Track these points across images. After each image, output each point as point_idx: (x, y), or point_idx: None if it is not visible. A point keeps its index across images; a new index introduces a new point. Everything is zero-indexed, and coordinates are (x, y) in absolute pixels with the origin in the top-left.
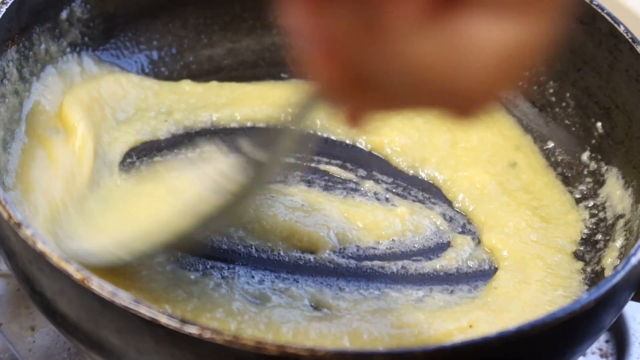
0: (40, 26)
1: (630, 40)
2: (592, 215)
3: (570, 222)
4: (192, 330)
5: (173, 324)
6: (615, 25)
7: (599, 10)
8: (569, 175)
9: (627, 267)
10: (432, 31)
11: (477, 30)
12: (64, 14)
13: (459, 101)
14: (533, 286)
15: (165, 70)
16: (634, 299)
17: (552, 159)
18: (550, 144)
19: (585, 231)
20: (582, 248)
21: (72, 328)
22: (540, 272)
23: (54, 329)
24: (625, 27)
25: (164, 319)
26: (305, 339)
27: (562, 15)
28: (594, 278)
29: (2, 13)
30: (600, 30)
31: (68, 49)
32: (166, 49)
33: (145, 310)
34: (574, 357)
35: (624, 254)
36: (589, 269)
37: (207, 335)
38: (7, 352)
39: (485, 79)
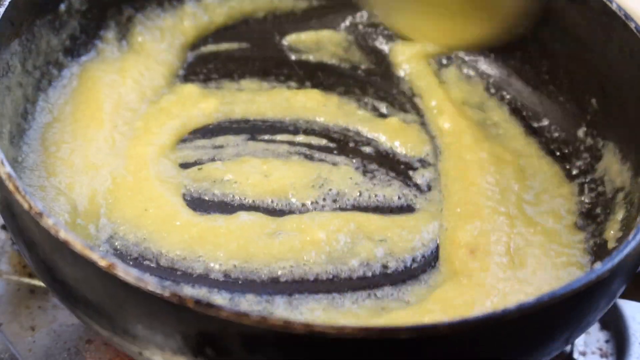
0: (41, 19)
1: (623, 17)
2: (590, 190)
3: (565, 195)
4: (219, 313)
5: (200, 308)
6: (608, 2)
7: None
8: (566, 151)
9: (638, 237)
10: None
11: None
12: (62, 6)
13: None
14: (537, 250)
15: None
16: (633, 299)
17: (548, 136)
18: (545, 122)
19: (586, 205)
20: (582, 221)
21: (95, 314)
22: (541, 237)
23: (54, 328)
24: (618, 5)
25: (191, 303)
26: None
27: None
28: (597, 250)
29: (5, 7)
30: (593, 8)
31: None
32: None
33: (172, 294)
34: (588, 325)
35: (626, 226)
36: (591, 241)
37: (235, 317)
38: (7, 352)
39: None
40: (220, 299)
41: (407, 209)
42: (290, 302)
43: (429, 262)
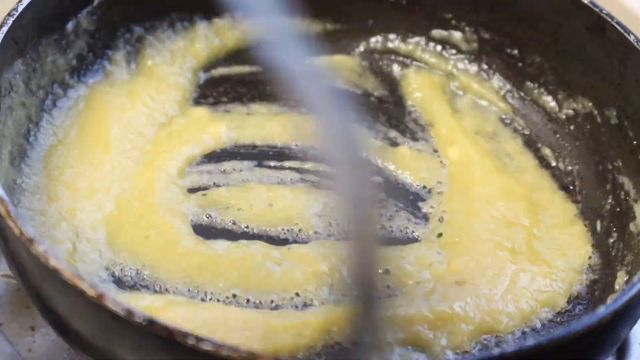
0: (47, 38)
1: None
2: (604, 227)
3: (577, 233)
4: (208, 347)
5: (190, 341)
6: (625, 34)
7: (609, 20)
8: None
9: None
10: None
11: None
12: (70, 26)
13: None
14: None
15: None
16: None
17: (562, 169)
18: (557, 151)
19: (600, 244)
20: (595, 260)
21: (86, 345)
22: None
23: None
24: (636, 37)
25: (180, 337)
26: None
27: None
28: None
29: (8, 26)
30: (610, 39)
31: (75, 61)
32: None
33: (162, 327)
34: None
35: (634, 268)
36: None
37: (224, 352)
38: (7, 352)
39: None
40: None
41: (413, 239)
42: None
43: None
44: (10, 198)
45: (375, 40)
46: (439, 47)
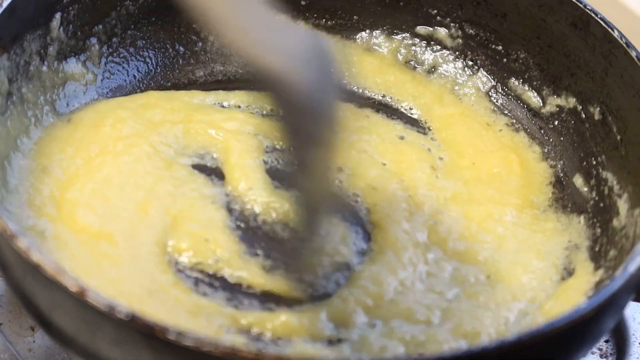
0: (32, 34)
1: (624, 45)
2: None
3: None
4: (189, 342)
5: (170, 336)
6: (610, 30)
7: (593, 15)
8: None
9: (626, 274)
10: None
11: None
12: (54, 22)
13: None
14: None
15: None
16: (633, 300)
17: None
18: (546, 148)
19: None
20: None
21: (69, 340)
22: None
23: None
24: (620, 32)
25: (161, 332)
26: None
27: None
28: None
29: None
30: (595, 35)
31: (58, 57)
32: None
33: (143, 323)
34: None
35: (618, 261)
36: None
37: (205, 347)
38: (7, 352)
39: None
40: None
41: None
42: None
43: None
44: None
45: (360, 37)
46: (423, 43)
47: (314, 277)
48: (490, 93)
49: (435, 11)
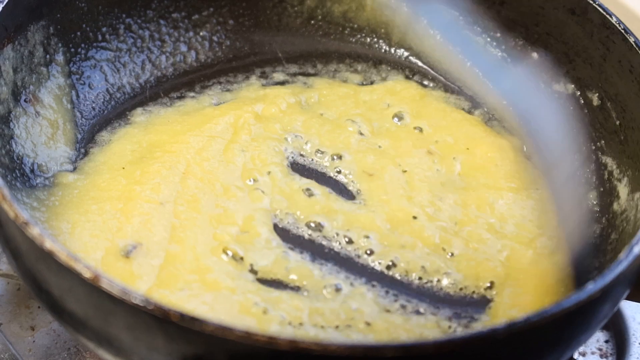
0: (35, 24)
1: (622, 31)
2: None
3: None
4: (203, 327)
5: (184, 321)
6: (607, 16)
7: (591, 2)
8: None
9: (630, 257)
10: None
11: None
12: (58, 13)
13: None
14: None
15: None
16: (633, 299)
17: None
18: None
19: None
20: None
21: (80, 326)
22: None
23: (54, 328)
24: (617, 18)
25: (175, 316)
26: None
27: None
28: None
29: None
30: (592, 21)
31: (61, 48)
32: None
33: (156, 307)
34: (579, 344)
35: (620, 245)
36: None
37: (219, 332)
38: (7, 352)
39: None
40: None
41: None
42: None
43: None
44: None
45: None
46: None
47: None
48: None
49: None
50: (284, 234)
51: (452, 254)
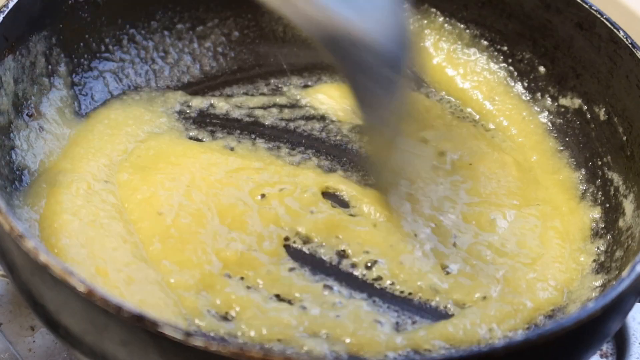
0: (37, 34)
1: (630, 45)
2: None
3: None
4: (197, 342)
5: (178, 336)
6: (615, 30)
7: (599, 16)
8: None
9: (633, 275)
10: None
11: None
12: (60, 23)
13: None
14: None
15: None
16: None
17: None
18: None
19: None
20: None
21: (76, 341)
22: None
23: None
24: (625, 33)
25: (169, 332)
26: None
27: None
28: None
29: None
30: (600, 35)
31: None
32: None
33: (150, 322)
34: None
35: (625, 261)
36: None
37: (213, 347)
38: (7, 352)
39: None
40: None
41: None
42: None
43: None
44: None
45: None
46: (428, 44)
47: None
48: None
49: (440, 11)
50: (295, 253)
51: (449, 272)
